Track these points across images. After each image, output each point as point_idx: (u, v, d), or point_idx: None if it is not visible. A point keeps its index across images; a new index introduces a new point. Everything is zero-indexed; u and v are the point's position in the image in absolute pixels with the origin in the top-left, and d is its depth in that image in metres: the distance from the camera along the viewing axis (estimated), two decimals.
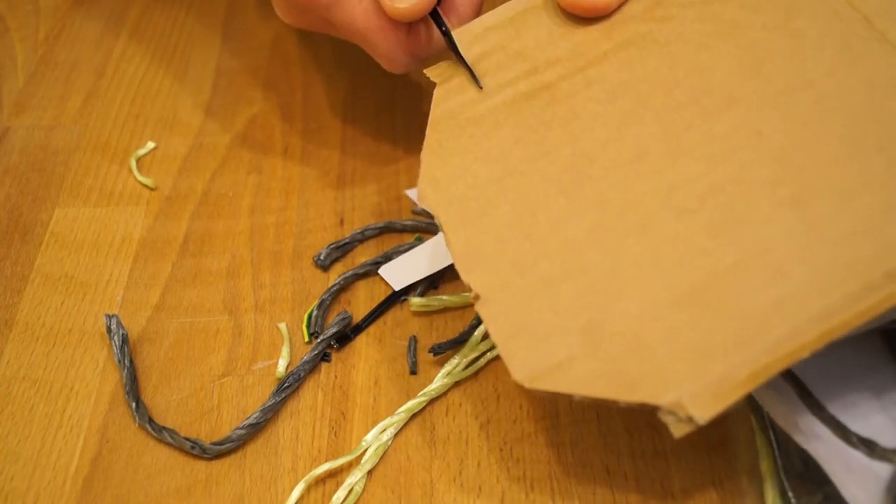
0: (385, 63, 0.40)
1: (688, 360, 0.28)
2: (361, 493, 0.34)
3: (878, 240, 0.29)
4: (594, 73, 0.36)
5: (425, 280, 0.41)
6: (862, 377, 0.34)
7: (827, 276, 0.29)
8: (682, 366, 0.28)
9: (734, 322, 0.29)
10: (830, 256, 0.29)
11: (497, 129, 0.36)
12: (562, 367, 0.29)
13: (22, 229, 0.45)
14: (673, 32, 0.36)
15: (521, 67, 0.37)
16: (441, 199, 0.34)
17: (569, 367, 0.29)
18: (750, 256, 0.30)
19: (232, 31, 0.56)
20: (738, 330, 0.29)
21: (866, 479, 0.31)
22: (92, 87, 0.53)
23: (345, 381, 0.38)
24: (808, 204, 0.30)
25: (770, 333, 0.28)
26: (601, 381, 0.29)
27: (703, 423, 0.27)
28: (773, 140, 0.32)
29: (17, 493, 0.35)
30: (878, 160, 0.31)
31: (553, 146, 0.34)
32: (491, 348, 0.38)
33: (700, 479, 0.34)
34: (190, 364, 0.39)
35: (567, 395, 0.29)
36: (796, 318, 0.28)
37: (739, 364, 0.28)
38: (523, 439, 0.36)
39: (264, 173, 0.47)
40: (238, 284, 0.42)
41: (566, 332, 0.30)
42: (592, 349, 0.29)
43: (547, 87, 0.36)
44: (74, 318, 0.41)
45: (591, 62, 0.36)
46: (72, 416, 0.37)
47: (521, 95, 0.36)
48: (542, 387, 0.29)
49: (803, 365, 0.33)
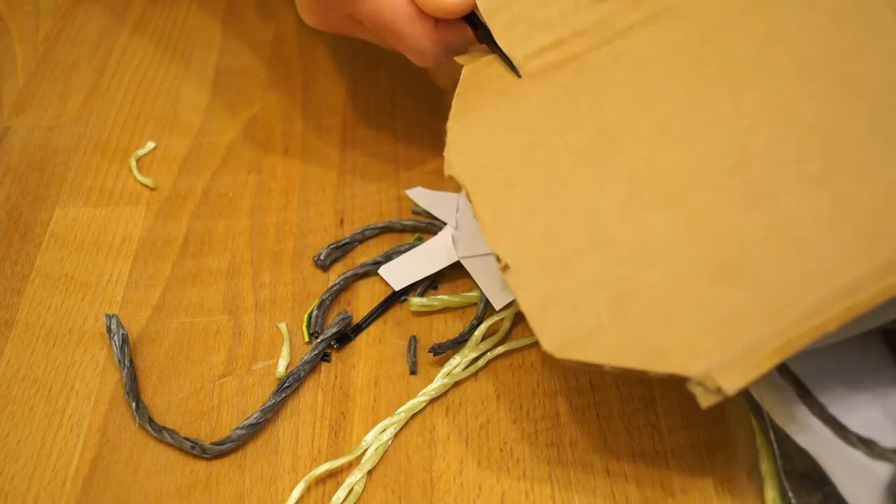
0: (413, 56, 0.39)
1: (716, 332, 0.29)
2: (361, 493, 0.34)
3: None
4: (621, 46, 0.36)
5: (425, 280, 0.41)
6: (862, 377, 0.34)
7: (853, 251, 0.29)
8: (711, 337, 0.28)
9: (762, 295, 0.29)
10: (856, 232, 0.29)
11: (524, 100, 0.35)
12: (591, 337, 0.29)
13: (22, 229, 0.45)
14: (701, 7, 0.36)
15: (547, 39, 0.36)
16: (468, 168, 0.34)
17: (598, 336, 0.29)
18: (777, 231, 0.30)
19: (232, 31, 0.56)
20: (766, 303, 0.29)
21: (866, 478, 0.31)
22: (92, 87, 0.53)
23: (345, 381, 0.38)
24: (835, 180, 0.31)
25: (798, 307, 0.28)
26: (630, 352, 0.29)
27: (731, 395, 0.27)
28: (799, 117, 0.32)
29: (17, 493, 0.35)
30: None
31: (581, 118, 0.34)
32: (491, 348, 0.38)
33: (700, 479, 0.34)
34: (190, 364, 0.39)
35: (596, 365, 0.29)
36: (823, 292, 0.28)
37: (768, 336, 0.28)
38: (523, 439, 0.36)
39: (264, 173, 0.47)
40: (238, 284, 0.42)
41: (595, 302, 0.30)
42: (621, 319, 0.29)
43: (574, 58, 0.36)
44: (74, 318, 0.41)
45: (618, 34, 0.36)
46: (72, 416, 0.37)
47: (548, 67, 0.36)
48: (571, 356, 0.29)
49: (803, 365, 0.33)
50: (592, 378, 0.38)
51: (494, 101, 0.36)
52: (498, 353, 0.38)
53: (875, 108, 0.32)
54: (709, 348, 0.28)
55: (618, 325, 0.29)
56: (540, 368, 0.38)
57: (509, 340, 0.39)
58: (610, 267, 0.31)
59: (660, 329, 0.29)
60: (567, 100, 0.35)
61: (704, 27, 0.35)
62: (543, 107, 0.35)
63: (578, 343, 0.29)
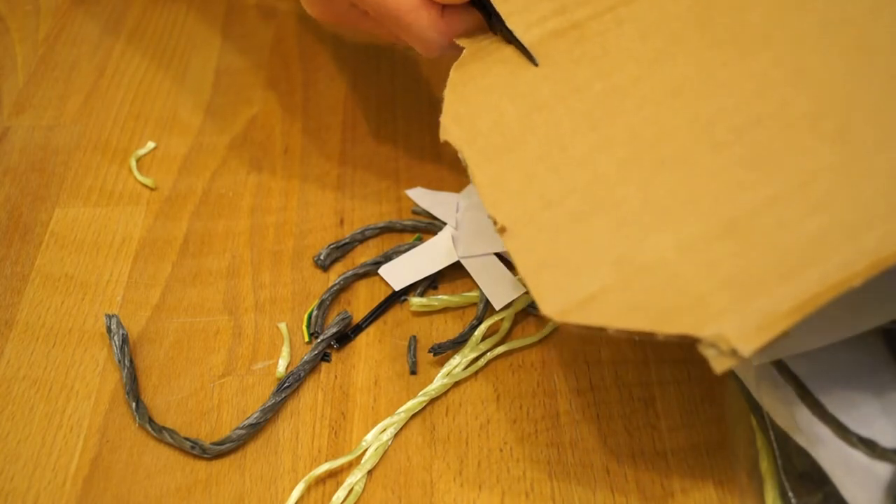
0: (419, 46, 0.39)
1: (729, 291, 0.27)
2: (361, 493, 0.34)
3: None
4: (625, 13, 0.35)
5: (425, 280, 0.41)
6: (862, 377, 0.34)
7: (871, 210, 0.28)
8: (723, 296, 0.27)
9: (775, 254, 0.28)
10: (874, 190, 0.29)
11: (524, 67, 0.35)
12: (594, 300, 0.28)
13: (22, 229, 0.45)
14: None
15: (549, 6, 0.36)
16: (465, 134, 0.33)
17: (602, 299, 0.28)
18: (790, 189, 0.29)
19: (232, 31, 0.56)
20: (780, 262, 0.28)
21: (866, 479, 0.31)
22: (92, 87, 0.53)
23: (345, 381, 0.38)
24: (852, 137, 0.30)
25: (815, 265, 0.27)
26: (636, 314, 0.28)
27: (747, 356, 0.26)
28: (814, 76, 0.32)
29: (17, 493, 0.35)
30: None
31: (583, 83, 0.34)
32: (491, 348, 0.38)
33: (700, 479, 0.34)
34: (190, 364, 0.39)
35: (599, 328, 0.28)
36: (845, 248, 0.27)
37: (783, 296, 0.27)
38: (523, 439, 0.36)
39: (264, 173, 0.47)
40: (238, 284, 0.42)
41: (598, 264, 0.29)
42: (626, 281, 0.28)
43: (576, 25, 0.35)
44: (74, 318, 0.41)
45: (622, 1, 0.35)
46: (72, 416, 0.37)
47: (549, 34, 0.35)
48: (573, 320, 0.28)
49: (803, 365, 0.33)
50: (592, 378, 0.38)
51: (494, 69, 0.35)
52: (498, 353, 0.38)
53: (893, 66, 0.31)
54: (721, 307, 0.27)
55: (622, 287, 0.28)
56: (540, 368, 0.38)
57: (509, 340, 0.39)
58: (613, 229, 0.30)
59: (667, 290, 0.28)
60: (569, 65, 0.34)
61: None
62: (544, 73, 0.34)
63: (580, 306, 0.28)
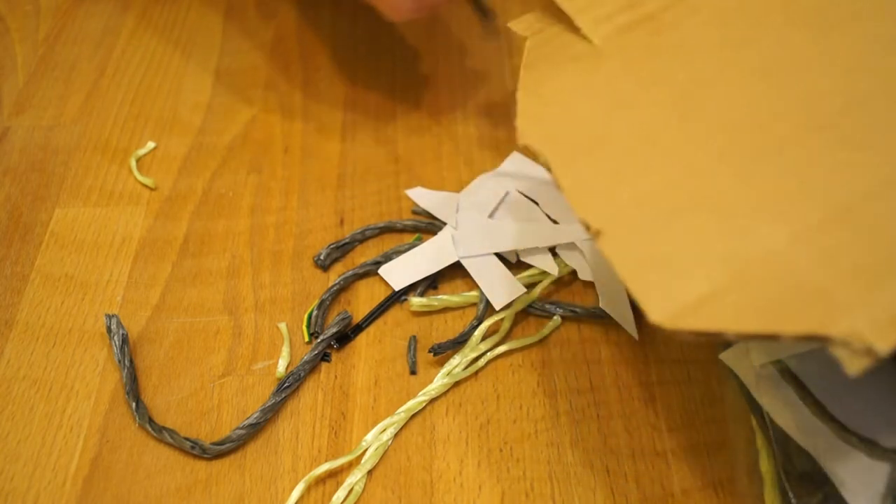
0: (387, 9, 0.38)
1: (853, 284, 0.25)
2: (361, 493, 0.34)
3: None
4: (698, 1, 0.34)
5: (425, 280, 0.41)
6: (862, 377, 0.34)
7: None
8: (848, 290, 0.25)
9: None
10: None
11: (599, 63, 0.33)
12: (706, 303, 0.26)
13: (22, 229, 0.45)
14: None
15: (617, 1, 0.35)
16: (544, 135, 0.32)
17: (714, 301, 0.26)
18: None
19: (232, 31, 0.56)
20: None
21: (866, 478, 0.31)
22: (92, 87, 0.53)
23: (345, 381, 0.38)
24: None
25: None
26: (755, 314, 0.25)
27: (884, 355, 0.24)
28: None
29: (17, 493, 0.35)
30: None
31: (665, 74, 0.32)
32: (491, 348, 0.38)
33: (700, 479, 0.34)
34: (190, 364, 0.39)
35: (716, 333, 0.26)
36: None
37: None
38: (523, 439, 0.36)
39: (264, 173, 0.47)
40: (238, 284, 0.42)
41: (705, 263, 0.27)
42: (738, 279, 0.26)
43: (649, 18, 0.34)
44: (74, 318, 0.41)
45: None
46: (72, 416, 0.37)
47: (622, 29, 0.34)
48: (687, 326, 0.26)
49: (803, 365, 0.33)
50: (592, 378, 0.38)
51: (568, 68, 0.34)
52: (498, 353, 0.38)
53: None
54: (849, 302, 0.25)
55: (735, 287, 0.26)
56: (540, 368, 0.38)
57: (509, 340, 0.39)
58: (717, 223, 0.28)
59: (786, 285, 0.26)
60: (647, 58, 0.33)
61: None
62: (622, 67, 0.33)
63: (692, 310, 0.26)
